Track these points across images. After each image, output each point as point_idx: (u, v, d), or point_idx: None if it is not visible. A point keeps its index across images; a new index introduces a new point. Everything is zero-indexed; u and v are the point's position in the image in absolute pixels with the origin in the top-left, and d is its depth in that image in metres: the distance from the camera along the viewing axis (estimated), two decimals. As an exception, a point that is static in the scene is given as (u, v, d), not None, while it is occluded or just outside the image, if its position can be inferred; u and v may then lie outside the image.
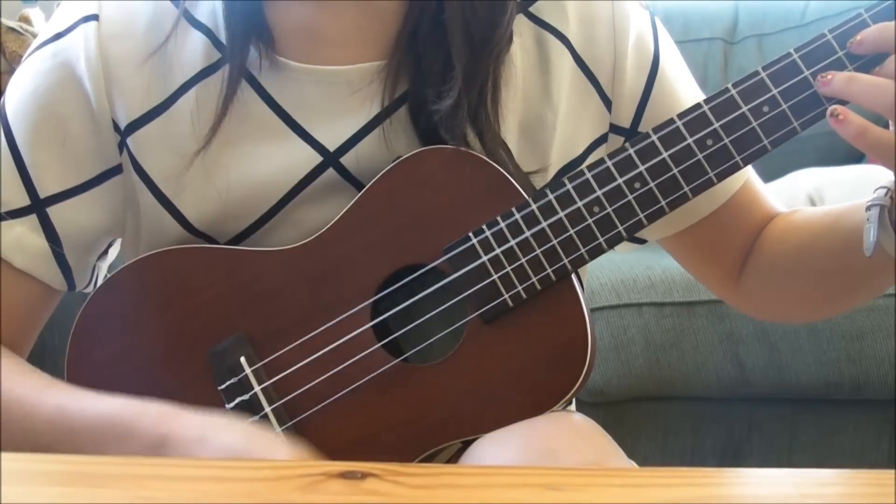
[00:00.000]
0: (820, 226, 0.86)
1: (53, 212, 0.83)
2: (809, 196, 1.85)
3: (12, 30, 1.93)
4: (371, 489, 0.54)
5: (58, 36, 0.84)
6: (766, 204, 0.92)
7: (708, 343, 1.60)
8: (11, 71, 1.91)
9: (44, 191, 0.83)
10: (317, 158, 0.82)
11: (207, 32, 0.83)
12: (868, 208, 0.77)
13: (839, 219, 0.84)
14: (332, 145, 0.82)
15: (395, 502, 0.54)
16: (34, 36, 1.95)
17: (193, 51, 0.83)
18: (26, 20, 2.01)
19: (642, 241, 0.93)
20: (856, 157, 2.07)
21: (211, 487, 0.55)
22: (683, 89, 0.88)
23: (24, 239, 0.83)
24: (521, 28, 0.85)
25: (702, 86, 0.91)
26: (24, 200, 0.83)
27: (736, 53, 2.24)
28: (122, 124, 0.83)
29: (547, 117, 0.84)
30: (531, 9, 0.85)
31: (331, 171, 0.82)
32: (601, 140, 0.88)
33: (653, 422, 1.71)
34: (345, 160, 0.82)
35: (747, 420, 1.70)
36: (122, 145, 0.83)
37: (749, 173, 0.90)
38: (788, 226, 0.90)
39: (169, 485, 0.55)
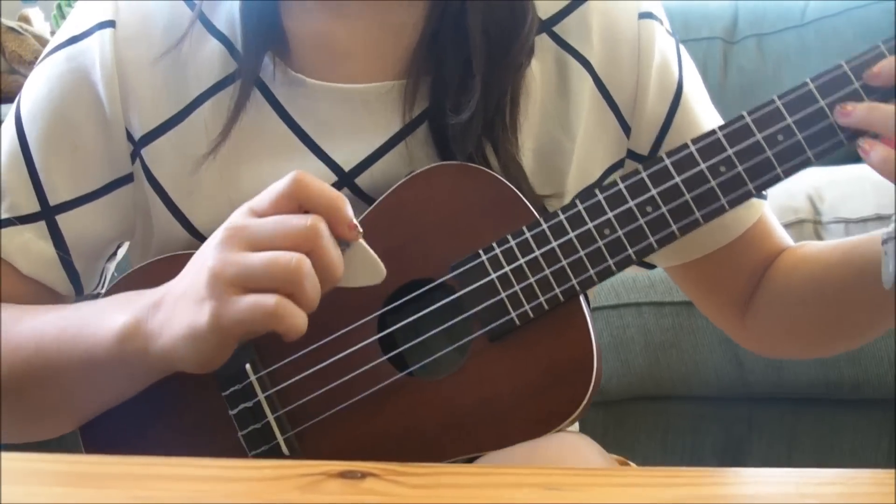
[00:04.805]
0: (832, 258, 0.85)
1: (62, 219, 0.83)
2: (809, 196, 1.85)
3: (12, 30, 1.93)
4: (370, 489, 0.54)
5: (73, 39, 0.83)
6: (777, 238, 0.91)
7: (708, 343, 1.60)
8: (11, 71, 1.92)
9: (54, 198, 0.82)
10: (331, 178, 0.81)
11: (224, 41, 0.82)
12: (884, 241, 0.76)
13: (853, 250, 0.83)
14: (347, 165, 0.81)
15: (394, 502, 0.54)
16: (34, 36, 1.95)
17: (209, 60, 0.82)
18: (26, 20, 2.01)
19: (651, 266, 0.92)
20: (855, 156, 2.07)
21: (210, 487, 0.55)
22: (705, 119, 0.87)
23: (31, 245, 0.82)
24: (543, 47, 0.83)
25: (701, 85, 0.91)
26: (34, 206, 0.82)
27: (736, 53, 2.24)
28: (137, 135, 0.82)
29: (564, 143, 0.83)
30: (555, 28, 0.84)
31: (345, 191, 0.81)
32: (617, 165, 0.87)
33: (653, 422, 1.71)
34: (360, 180, 0.81)
35: (747, 420, 1.70)
36: (134, 155, 0.83)
37: (764, 208, 0.89)
38: (799, 259, 0.88)
39: (169, 485, 0.55)
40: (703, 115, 0.87)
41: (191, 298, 0.68)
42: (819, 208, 1.86)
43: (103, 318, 0.74)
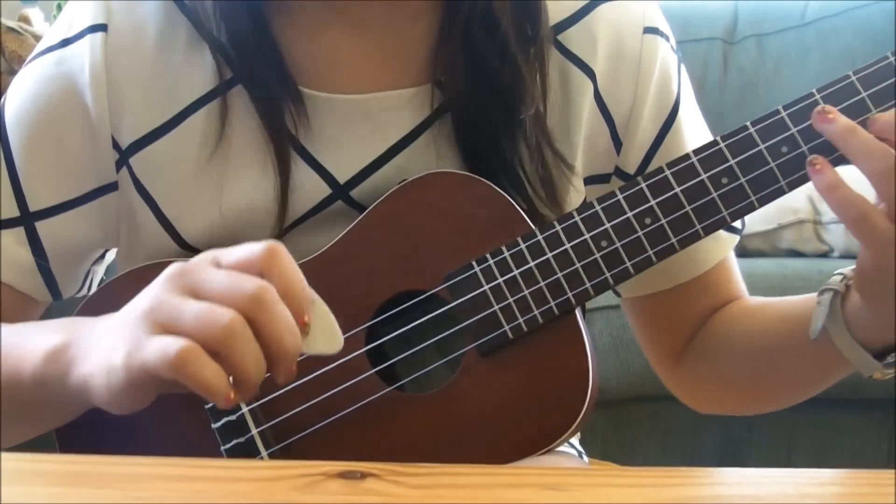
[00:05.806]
0: (773, 313, 0.83)
1: (42, 226, 0.81)
2: (809, 196, 1.85)
3: (12, 30, 1.94)
4: (370, 489, 0.54)
5: (64, 42, 0.80)
6: (735, 286, 0.89)
7: (708, 343, 1.60)
8: (11, 71, 1.92)
9: (34, 204, 0.81)
10: (326, 190, 0.79)
11: (219, 47, 0.79)
12: (821, 291, 0.75)
13: (796, 306, 0.80)
14: (342, 177, 0.80)
15: (394, 502, 0.54)
16: (34, 36, 1.95)
17: (203, 66, 0.79)
18: (26, 20, 2.01)
19: (618, 294, 0.90)
20: (855, 156, 2.07)
21: (209, 487, 0.55)
22: (696, 140, 0.84)
23: (9, 251, 0.81)
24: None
25: (702, 86, 0.91)
26: (14, 212, 0.81)
27: (735, 53, 2.24)
28: (126, 143, 0.80)
29: (565, 155, 0.82)
30: (559, 37, 0.82)
31: (339, 203, 0.80)
32: (603, 179, 0.85)
33: (653, 422, 1.71)
34: (355, 193, 0.80)
35: (747, 420, 1.70)
36: (120, 163, 0.81)
37: (729, 252, 0.87)
38: (742, 311, 0.86)
39: (168, 485, 0.55)
40: (696, 139, 0.84)
41: (118, 330, 0.64)
42: (819, 208, 1.86)
43: (37, 338, 0.71)
